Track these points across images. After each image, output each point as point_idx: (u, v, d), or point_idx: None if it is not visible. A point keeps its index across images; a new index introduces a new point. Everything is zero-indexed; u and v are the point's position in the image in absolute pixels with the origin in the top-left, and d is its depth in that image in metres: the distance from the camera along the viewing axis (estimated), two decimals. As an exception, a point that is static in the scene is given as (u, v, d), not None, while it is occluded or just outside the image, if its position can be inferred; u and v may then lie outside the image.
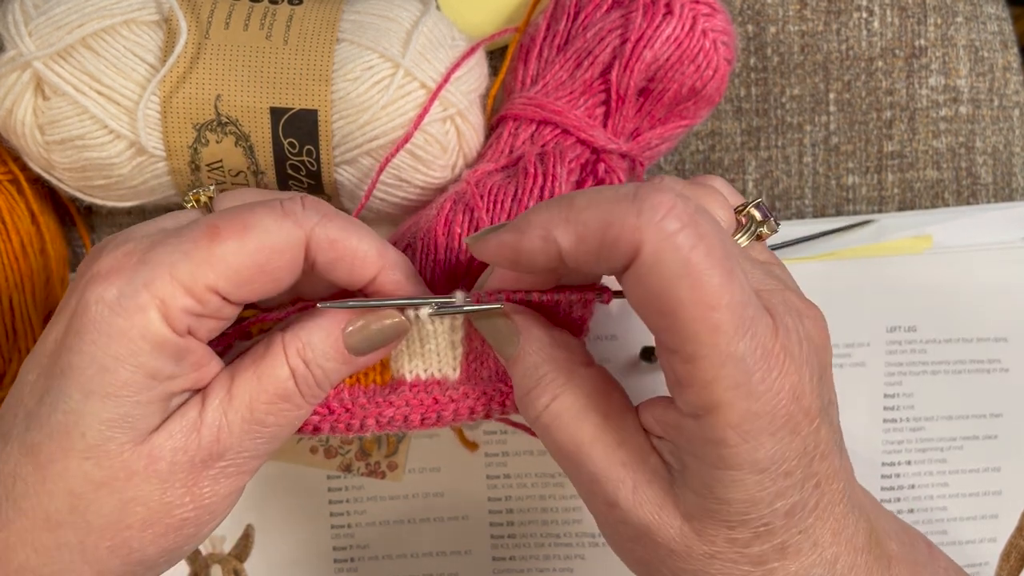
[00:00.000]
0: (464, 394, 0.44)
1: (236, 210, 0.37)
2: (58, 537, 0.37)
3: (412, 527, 0.57)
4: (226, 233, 0.36)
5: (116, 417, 0.36)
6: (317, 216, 0.38)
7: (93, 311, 0.35)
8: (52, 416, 0.36)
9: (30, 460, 0.36)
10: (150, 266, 0.36)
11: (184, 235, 0.36)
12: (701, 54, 0.48)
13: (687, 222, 0.33)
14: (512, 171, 0.48)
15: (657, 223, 0.33)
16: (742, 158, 0.58)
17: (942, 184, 0.59)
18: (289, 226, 0.37)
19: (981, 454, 0.57)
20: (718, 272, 0.33)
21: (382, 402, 0.44)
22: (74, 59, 0.47)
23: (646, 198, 0.34)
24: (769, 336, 0.34)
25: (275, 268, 0.37)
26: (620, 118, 0.49)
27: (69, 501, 0.36)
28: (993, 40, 0.59)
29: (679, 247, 0.33)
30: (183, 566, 0.57)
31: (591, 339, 0.53)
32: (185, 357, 0.37)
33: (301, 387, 0.40)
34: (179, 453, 0.37)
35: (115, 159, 0.48)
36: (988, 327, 0.56)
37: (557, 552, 0.57)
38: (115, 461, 0.36)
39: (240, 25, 0.48)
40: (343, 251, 0.38)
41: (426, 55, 0.49)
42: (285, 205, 0.38)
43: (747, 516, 0.36)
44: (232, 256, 0.36)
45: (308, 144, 0.48)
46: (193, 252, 0.36)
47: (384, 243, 0.40)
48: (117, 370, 0.35)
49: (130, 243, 0.37)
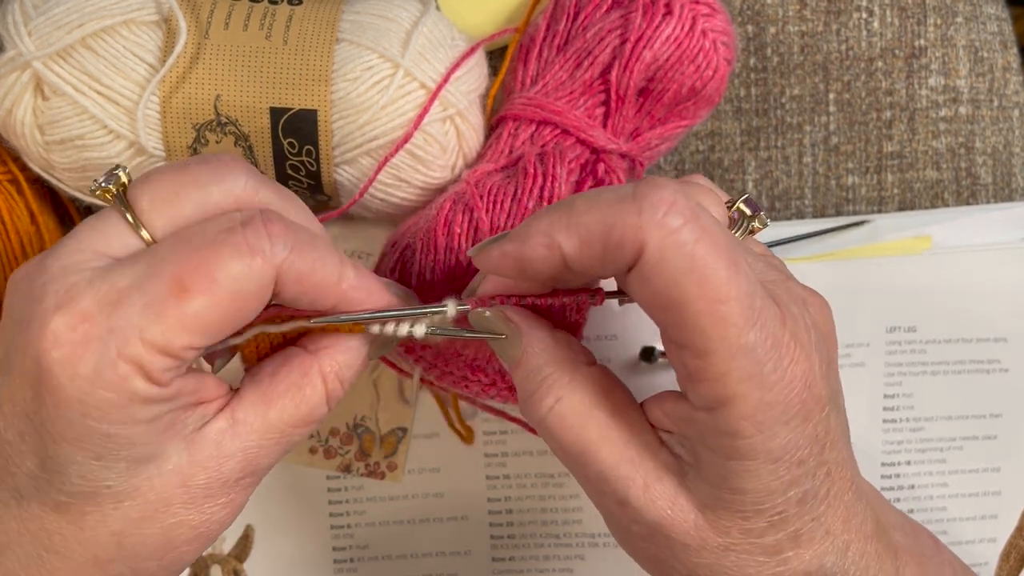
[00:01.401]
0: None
1: (198, 255, 0.34)
2: (109, 570, 0.37)
3: (412, 527, 0.57)
4: (194, 289, 0.34)
5: (132, 463, 0.35)
6: (286, 251, 0.35)
7: (71, 387, 0.33)
8: (67, 480, 0.35)
9: (60, 517, 0.36)
10: (118, 333, 0.33)
11: (147, 291, 0.34)
12: (701, 54, 0.48)
13: (689, 217, 0.33)
14: (512, 171, 0.48)
15: (659, 220, 0.33)
16: (742, 158, 0.58)
17: (942, 184, 0.59)
18: (259, 267, 0.34)
19: (981, 454, 0.57)
20: (724, 265, 0.33)
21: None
22: (74, 59, 0.47)
23: (646, 196, 0.33)
24: (777, 325, 0.34)
25: (247, 312, 0.35)
26: (620, 118, 0.49)
27: (115, 540, 0.36)
28: (993, 40, 0.59)
29: (683, 243, 0.33)
30: (183, 566, 0.57)
31: (591, 339, 0.53)
32: (176, 396, 0.36)
33: (331, 405, 0.40)
34: (213, 480, 0.37)
35: (115, 159, 0.48)
36: (988, 327, 0.56)
37: (557, 552, 0.57)
38: (149, 496, 0.36)
39: (240, 25, 0.48)
40: (308, 285, 0.36)
41: (426, 55, 0.49)
42: (250, 239, 0.34)
43: (762, 506, 0.36)
44: (204, 314, 0.34)
45: (308, 144, 0.48)
46: (162, 313, 0.33)
47: (342, 263, 0.38)
48: (118, 433, 0.34)
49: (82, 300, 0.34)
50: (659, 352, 0.53)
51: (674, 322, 0.34)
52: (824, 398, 0.35)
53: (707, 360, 0.33)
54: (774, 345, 0.34)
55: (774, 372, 0.34)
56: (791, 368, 0.34)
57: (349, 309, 0.38)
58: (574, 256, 0.35)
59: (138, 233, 0.36)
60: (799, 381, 0.34)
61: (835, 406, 0.37)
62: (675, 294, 0.33)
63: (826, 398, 0.36)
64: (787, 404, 0.34)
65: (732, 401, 0.34)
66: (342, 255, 0.38)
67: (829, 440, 0.36)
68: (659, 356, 0.53)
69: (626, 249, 0.34)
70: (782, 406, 0.34)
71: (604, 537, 0.57)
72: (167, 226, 0.36)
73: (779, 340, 0.34)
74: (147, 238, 0.36)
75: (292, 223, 0.36)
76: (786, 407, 0.34)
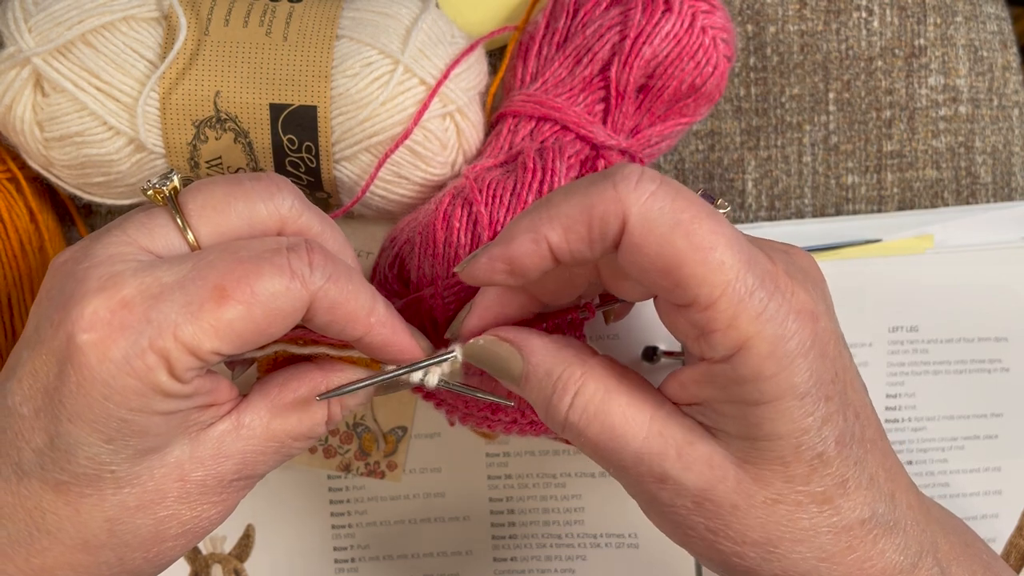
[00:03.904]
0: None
1: (243, 267, 0.36)
2: (96, 557, 0.37)
3: (413, 527, 0.57)
4: (234, 298, 0.35)
5: (140, 451, 0.36)
6: (323, 279, 0.37)
7: (97, 367, 0.34)
8: (73, 460, 0.36)
9: (59, 497, 0.36)
10: (154, 325, 0.34)
11: (189, 292, 0.35)
12: (700, 51, 0.49)
13: (661, 180, 0.35)
14: (511, 167, 0.48)
15: (635, 187, 0.34)
16: (742, 158, 0.58)
17: (942, 184, 0.59)
18: (296, 290, 0.36)
19: (982, 454, 0.57)
20: (705, 215, 0.34)
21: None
22: (73, 55, 0.47)
23: (616, 172, 0.35)
24: (768, 264, 0.35)
25: (276, 329, 0.37)
26: (620, 115, 0.49)
27: (107, 527, 0.37)
28: (993, 40, 0.59)
29: (662, 201, 0.34)
30: (184, 566, 0.57)
31: (592, 339, 0.53)
32: (194, 396, 0.37)
33: (329, 427, 0.42)
34: (210, 478, 0.39)
35: (114, 156, 0.48)
36: (989, 327, 0.56)
37: (558, 553, 0.57)
38: (148, 487, 0.37)
39: (240, 22, 0.48)
40: (339, 315, 0.38)
41: (426, 52, 0.49)
42: (294, 264, 0.36)
43: (800, 447, 0.36)
44: (238, 323, 0.35)
45: (307, 140, 0.48)
46: (199, 315, 0.35)
47: (374, 297, 0.39)
48: (134, 420, 0.35)
49: (125, 288, 0.35)
50: (661, 352, 0.53)
51: (674, 282, 0.35)
52: (833, 332, 0.36)
53: (715, 309, 0.34)
54: (772, 280, 0.35)
55: (780, 307, 0.34)
56: (793, 301, 0.35)
57: (374, 342, 0.39)
58: (561, 245, 0.36)
59: (184, 235, 0.38)
60: (805, 313, 0.35)
61: (844, 345, 0.37)
62: (668, 252, 0.34)
63: (833, 333, 0.36)
64: (800, 336, 0.35)
65: (748, 342, 0.34)
66: (375, 291, 0.39)
67: (848, 380, 0.37)
68: (661, 356, 0.53)
69: (610, 223, 0.35)
70: (796, 338, 0.35)
71: (605, 537, 0.57)
72: (212, 234, 0.38)
73: (775, 276, 0.35)
74: (192, 241, 0.38)
75: (333, 256, 0.38)
76: (800, 339, 0.35)
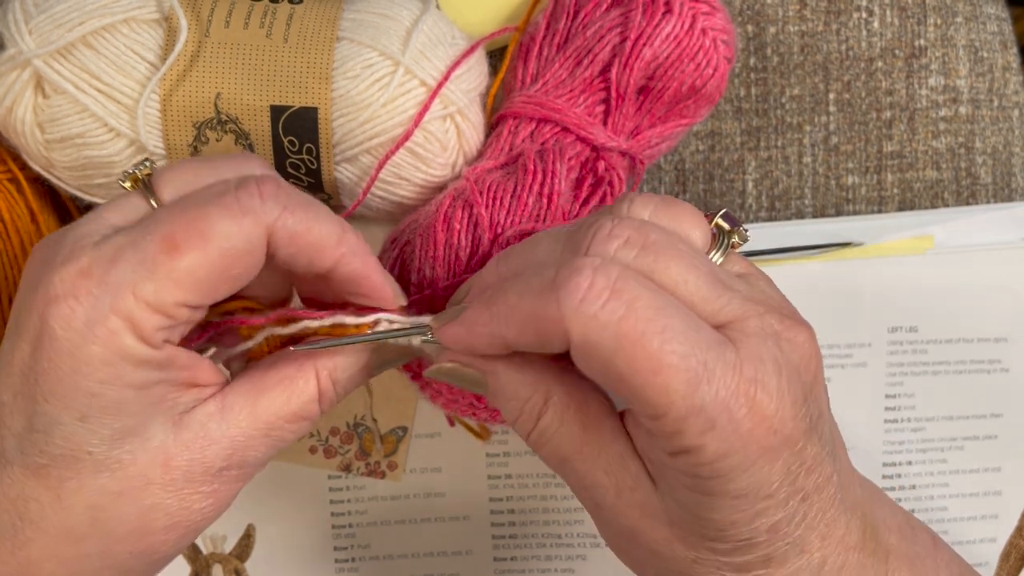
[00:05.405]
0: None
1: (190, 214, 0.35)
2: (81, 548, 0.37)
3: (413, 527, 0.57)
4: (185, 246, 0.34)
5: (117, 432, 0.36)
6: (277, 209, 0.36)
7: (63, 338, 0.34)
8: (50, 441, 0.35)
9: (40, 483, 0.36)
10: (112, 288, 0.34)
11: (141, 249, 0.35)
12: (701, 52, 0.49)
13: (609, 296, 0.33)
14: (512, 168, 0.48)
15: (576, 308, 0.33)
16: (742, 158, 0.58)
17: (942, 184, 0.59)
18: (249, 225, 0.35)
19: (981, 454, 0.57)
20: (654, 334, 0.32)
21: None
22: (74, 57, 0.47)
23: (563, 284, 0.33)
24: (731, 375, 0.33)
25: (239, 270, 0.36)
26: (620, 116, 0.49)
27: (90, 514, 0.36)
28: (993, 40, 0.59)
29: (604, 325, 0.33)
30: (184, 566, 0.57)
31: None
32: (168, 366, 0.36)
33: (323, 406, 0.40)
34: (195, 464, 0.38)
35: (115, 157, 0.48)
36: (989, 327, 0.56)
37: (559, 552, 0.57)
38: (129, 471, 0.36)
39: (240, 23, 0.48)
40: (303, 245, 0.37)
41: (426, 53, 0.49)
42: (241, 199, 0.35)
43: (726, 533, 0.35)
44: (197, 270, 0.35)
45: (308, 142, 0.48)
46: (154, 270, 0.34)
47: (343, 227, 0.38)
48: (105, 393, 0.35)
49: (83, 257, 0.35)
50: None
51: (620, 392, 0.34)
52: (796, 434, 0.35)
53: (660, 422, 0.33)
54: (730, 395, 0.33)
55: (730, 423, 0.33)
56: (750, 415, 0.33)
57: (346, 273, 0.39)
58: (517, 345, 0.36)
59: (150, 203, 0.37)
60: (762, 427, 0.34)
61: (813, 435, 0.36)
62: (611, 371, 0.33)
63: (800, 432, 0.35)
64: (746, 452, 0.33)
65: (689, 452, 0.34)
66: (344, 222, 0.38)
67: (804, 468, 0.35)
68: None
69: (554, 340, 0.34)
70: (741, 454, 0.33)
71: (605, 537, 0.57)
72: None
73: (735, 390, 0.33)
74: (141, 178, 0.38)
75: (287, 185, 0.37)
76: (745, 455, 0.33)
